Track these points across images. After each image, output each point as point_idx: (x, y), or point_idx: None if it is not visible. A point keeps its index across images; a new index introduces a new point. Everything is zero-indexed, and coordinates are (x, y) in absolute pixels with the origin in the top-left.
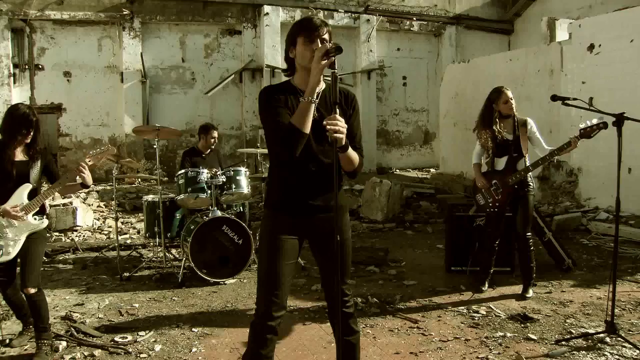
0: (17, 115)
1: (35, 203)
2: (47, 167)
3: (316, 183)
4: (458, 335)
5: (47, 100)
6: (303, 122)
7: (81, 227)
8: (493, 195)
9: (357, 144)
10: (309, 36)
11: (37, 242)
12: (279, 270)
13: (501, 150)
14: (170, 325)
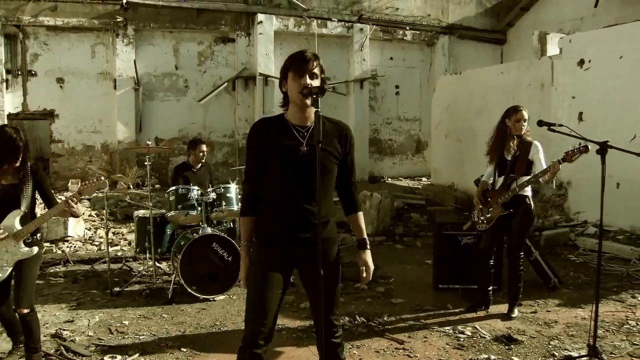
0: (3, 141)
1: (26, 230)
2: (40, 187)
3: (305, 215)
4: (442, 357)
5: (40, 106)
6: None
7: (72, 238)
8: (485, 213)
9: (353, 180)
10: (298, 71)
11: (31, 263)
12: (267, 300)
13: (500, 169)
14: (159, 345)
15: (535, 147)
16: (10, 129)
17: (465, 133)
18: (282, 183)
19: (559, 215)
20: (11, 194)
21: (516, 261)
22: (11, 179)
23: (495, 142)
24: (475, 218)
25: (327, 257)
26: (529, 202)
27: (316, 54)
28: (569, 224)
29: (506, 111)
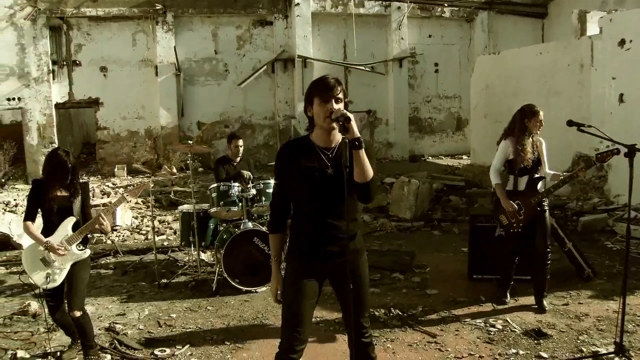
0: (55, 163)
1: (77, 237)
2: (84, 203)
3: (332, 231)
4: (473, 351)
5: (85, 95)
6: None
7: (120, 227)
8: (516, 217)
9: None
10: (323, 97)
11: (81, 268)
12: (301, 310)
13: (523, 169)
14: (205, 338)
15: (543, 145)
16: (62, 152)
17: (503, 114)
18: (311, 202)
19: (599, 198)
20: (65, 204)
21: (545, 259)
22: (64, 191)
23: (521, 141)
24: (505, 222)
25: (355, 267)
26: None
27: (338, 79)
28: (608, 207)
29: (523, 112)
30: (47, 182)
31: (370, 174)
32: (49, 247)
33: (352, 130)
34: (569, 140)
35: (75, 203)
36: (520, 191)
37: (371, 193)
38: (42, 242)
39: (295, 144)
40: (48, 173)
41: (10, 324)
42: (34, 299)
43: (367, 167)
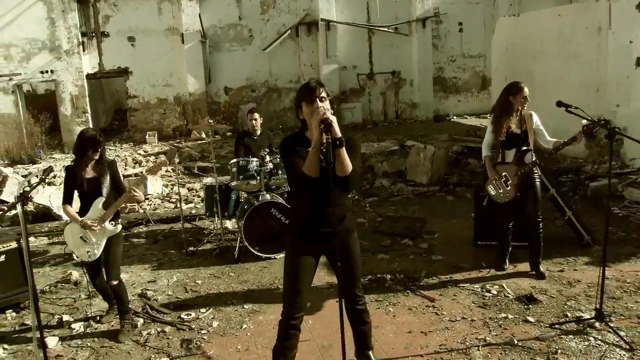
0: (86, 137)
1: (109, 213)
2: (113, 178)
3: (326, 215)
4: (466, 315)
5: (114, 65)
6: (312, 168)
7: (152, 196)
8: (504, 187)
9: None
10: (309, 99)
11: (115, 243)
12: (300, 284)
13: (510, 143)
14: (226, 302)
15: (535, 117)
16: (91, 129)
17: (524, 77)
18: (308, 190)
19: (614, 162)
20: (94, 184)
21: (537, 227)
22: (92, 172)
23: (502, 118)
24: (493, 192)
25: (346, 245)
26: (537, 171)
27: (320, 82)
28: (622, 170)
29: (508, 89)
30: (78, 159)
31: (348, 169)
32: (85, 226)
33: (334, 132)
34: (587, 104)
35: (105, 182)
36: (508, 163)
37: (349, 185)
38: (79, 222)
39: (294, 140)
40: (79, 148)
41: (55, 291)
42: (75, 268)
43: (346, 163)
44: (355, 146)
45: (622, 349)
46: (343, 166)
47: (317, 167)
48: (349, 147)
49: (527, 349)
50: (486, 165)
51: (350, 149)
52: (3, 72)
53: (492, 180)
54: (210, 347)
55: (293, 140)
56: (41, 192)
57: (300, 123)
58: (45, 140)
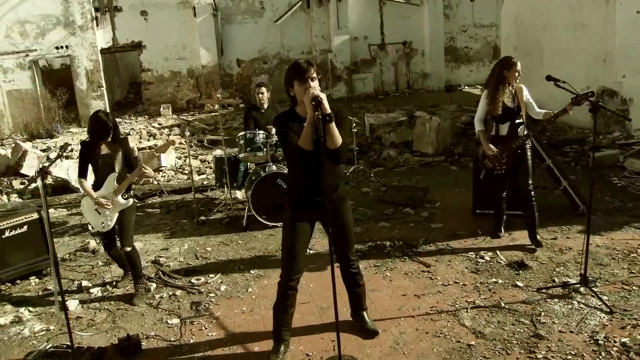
0: (98, 124)
1: (121, 188)
2: (126, 155)
3: (320, 185)
4: (458, 280)
5: (128, 39)
6: (306, 142)
7: (165, 167)
8: (499, 160)
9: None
10: (301, 79)
11: (129, 213)
12: (296, 249)
13: (504, 116)
14: (233, 268)
15: (525, 90)
16: (102, 114)
17: (533, 47)
18: (302, 162)
19: (620, 132)
20: (108, 160)
21: (529, 197)
22: (106, 149)
23: (498, 93)
24: (489, 165)
25: (339, 212)
26: (529, 143)
27: (310, 61)
28: (627, 141)
29: (501, 64)
30: (92, 141)
31: (338, 142)
32: (98, 203)
33: (324, 109)
34: (594, 74)
35: (117, 158)
36: (503, 136)
37: (339, 157)
38: (93, 198)
39: (286, 116)
40: (92, 133)
41: (74, 259)
42: (93, 237)
43: (336, 137)
44: (344, 120)
45: (602, 311)
46: (333, 139)
47: (312, 141)
48: (337, 121)
49: (513, 311)
50: (481, 140)
51: (339, 123)
52: (19, 48)
53: (489, 154)
54: (218, 309)
55: (285, 117)
56: (59, 165)
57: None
58: (62, 115)
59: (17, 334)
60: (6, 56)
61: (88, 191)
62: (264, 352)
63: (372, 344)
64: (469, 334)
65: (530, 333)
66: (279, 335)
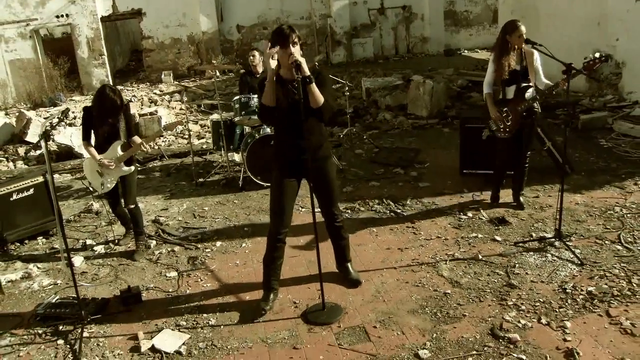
0: (107, 102)
1: (125, 156)
2: (127, 122)
3: (304, 144)
4: (440, 235)
5: (128, 7)
6: (267, 98)
7: (166, 132)
8: (504, 122)
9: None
10: (282, 44)
11: (131, 175)
12: (283, 203)
13: (510, 79)
14: (229, 226)
15: (537, 55)
16: (110, 91)
17: (529, 11)
18: (286, 120)
19: (612, 95)
20: (113, 128)
21: (524, 162)
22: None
23: (502, 57)
24: (494, 127)
25: (323, 169)
26: (537, 107)
27: (292, 27)
28: (619, 104)
29: (505, 28)
30: (98, 117)
31: (320, 101)
32: (102, 164)
33: (303, 71)
34: (589, 38)
35: (121, 126)
36: (509, 99)
37: (324, 115)
38: (97, 160)
39: None
40: (100, 111)
41: (79, 220)
42: (96, 200)
43: (317, 96)
44: (325, 81)
45: (574, 263)
46: (315, 98)
47: (273, 97)
48: (318, 82)
49: (489, 264)
50: (487, 103)
51: (320, 84)
52: (20, 17)
53: (494, 117)
54: (213, 263)
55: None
56: (63, 132)
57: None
58: (64, 83)
59: (27, 288)
60: (7, 26)
61: (92, 153)
62: (254, 301)
63: (355, 292)
64: (446, 284)
65: (504, 283)
66: (269, 285)
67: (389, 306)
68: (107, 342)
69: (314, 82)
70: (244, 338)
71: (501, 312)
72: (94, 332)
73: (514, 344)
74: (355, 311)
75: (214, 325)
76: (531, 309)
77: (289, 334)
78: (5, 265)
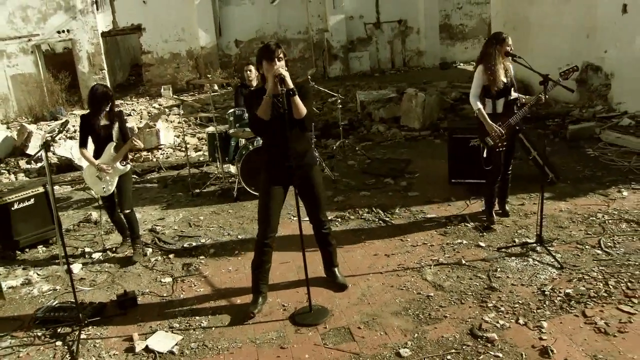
0: (98, 95)
1: (119, 155)
2: (120, 126)
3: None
4: (427, 241)
5: (128, 22)
6: (264, 112)
7: (164, 145)
8: (501, 137)
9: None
10: (269, 59)
11: (126, 179)
12: (270, 209)
13: (499, 93)
14: (223, 234)
15: (511, 69)
16: (100, 85)
17: (520, 23)
18: (273, 131)
19: (602, 106)
20: (107, 130)
21: (507, 171)
22: (105, 120)
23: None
24: (491, 143)
25: (308, 177)
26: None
27: (278, 43)
28: (609, 114)
29: (493, 39)
30: (92, 111)
31: (302, 113)
32: (99, 168)
33: (287, 84)
34: (578, 49)
35: (114, 129)
36: (499, 113)
37: (306, 125)
38: (95, 165)
39: (257, 92)
40: (92, 102)
41: (78, 229)
42: (94, 210)
43: (300, 108)
44: (307, 93)
45: (554, 267)
46: (298, 110)
47: (269, 111)
48: (301, 94)
49: (472, 268)
50: (482, 119)
51: (303, 96)
52: (22, 33)
53: (494, 132)
54: (207, 269)
55: (255, 93)
56: (63, 145)
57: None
58: (65, 98)
59: (27, 294)
60: (9, 41)
61: (89, 159)
62: (245, 304)
63: (342, 295)
64: (429, 287)
65: (485, 286)
66: (257, 289)
67: (374, 308)
68: (104, 343)
69: (297, 94)
70: (234, 339)
71: (481, 314)
72: (91, 334)
73: (492, 343)
74: (341, 313)
75: (206, 327)
76: (510, 310)
77: (277, 334)
78: (6, 272)
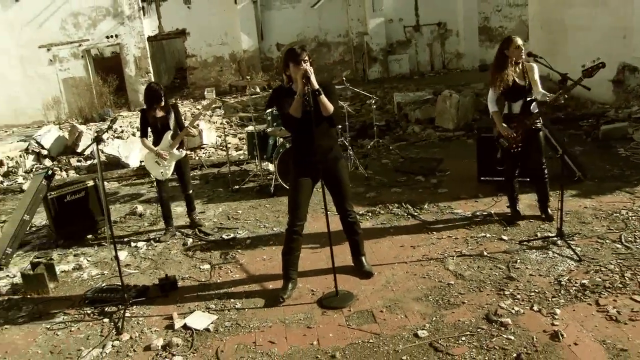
0: (152, 92)
1: (175, 142)
2: (176, 117)
3: (317, 147)
4: (451, 234)
5: (173, 27)
6: (296, 110)
7: (207, 145)
8: (515, 138)
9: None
10: (295, 62)
11: (184, 164)
12: (300, 200)
13: (516, 94)
14: (259, 226)
15: (535, 68)
16: (154, 84)
17: (556, 25)
18: (301, 128)
19: (638, 106)
20: (163, 121)
21: (542, 174)
22: (161, 112)
23: (499, 72)
24: (505, 144)
25: (334, 170)
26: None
27: (303, 47)
28: None
29: (502, 43)
30: (148, 105)
31: (330, 110)
32: (158, 154)
33: (313, 84)
34: (613, 50)
35: (171, 119)
36: (516, 114)
37: (334, 122)
38: (154, 151)
39: (284, 91)
40: (148, 100)
41: (124, 221)
42: (140, 204)
43: (327, 106)
44: (332, 92)
45: (572, 260)
46: (325, 108)
47: (300, 110)
48: (327, 93)
49: (493, 259)
50: (496, 121)
51: (328, 94)
52: (73, 38)
53: (506, 134)
54: (243, 257)
55: (281, 91)
56: (111, 144)
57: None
58: (113, 100)
59: (78, 277)
60: (61, 46)
61: (149, 146)
62: (276, 289)
63: (367, 282)
64: (451, 276)
65: (504, 276)
66: (287, 275)
67: (397, 294)
68: (146, 321)
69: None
70: (265, 319)
71: (497, 301)
72: (134, 313)
73: (505, 327)
74: (366, 298)
75: (240, 309)
76: (526, 298)
77: (305, 315)
78: (59, 258)
